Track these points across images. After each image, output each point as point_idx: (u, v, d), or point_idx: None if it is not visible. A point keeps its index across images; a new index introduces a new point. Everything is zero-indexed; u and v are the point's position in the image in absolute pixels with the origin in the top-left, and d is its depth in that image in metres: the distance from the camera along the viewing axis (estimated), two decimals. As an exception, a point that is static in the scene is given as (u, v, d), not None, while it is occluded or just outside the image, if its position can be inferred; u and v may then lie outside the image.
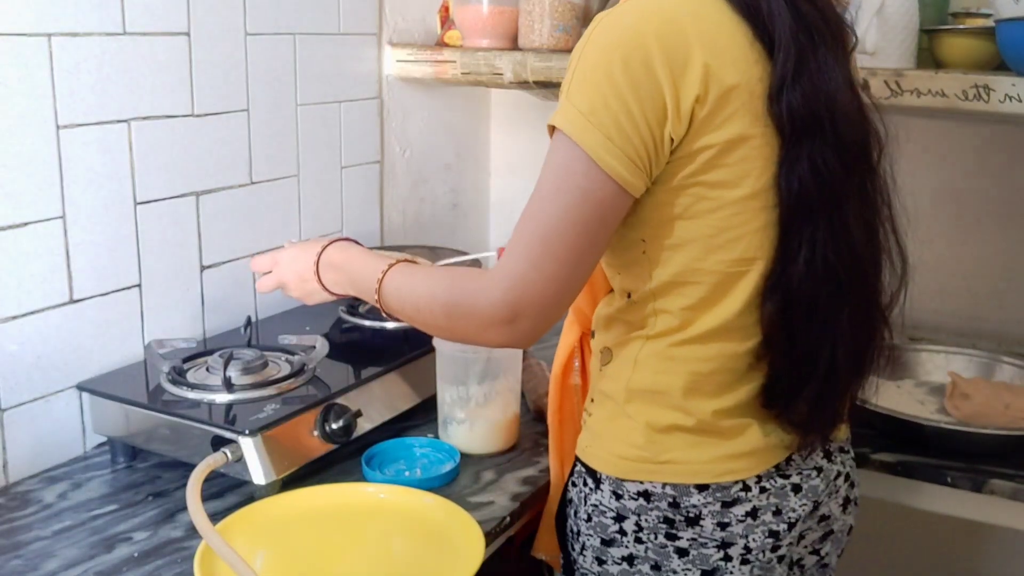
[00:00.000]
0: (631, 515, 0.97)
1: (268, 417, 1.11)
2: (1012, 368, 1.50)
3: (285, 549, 1.00)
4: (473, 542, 0.98)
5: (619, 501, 0.98)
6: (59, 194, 1.19)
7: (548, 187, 0.87)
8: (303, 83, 1.55)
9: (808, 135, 0.88)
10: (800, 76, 0.87)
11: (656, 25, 0.85)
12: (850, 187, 0.91)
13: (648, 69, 0.84)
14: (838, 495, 1.04)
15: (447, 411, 1.25)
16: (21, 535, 1.05)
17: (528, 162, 2.06)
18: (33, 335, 1.18)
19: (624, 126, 0.84)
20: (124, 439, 1.21)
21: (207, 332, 1.41)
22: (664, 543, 0.96)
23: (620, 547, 0.98)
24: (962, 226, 1.70)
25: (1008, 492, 1.23)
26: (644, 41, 0.84)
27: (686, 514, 0.95)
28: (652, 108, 0.85)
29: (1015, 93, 1.28)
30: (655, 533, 0.96)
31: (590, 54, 0.87)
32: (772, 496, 0.96)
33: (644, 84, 0.84)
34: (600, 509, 0.99)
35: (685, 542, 0.96)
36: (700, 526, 0.95)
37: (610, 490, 0.98)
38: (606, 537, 0.99)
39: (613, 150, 0.85)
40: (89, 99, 1.21)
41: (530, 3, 1.60)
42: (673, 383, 0.95)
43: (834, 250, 0.89)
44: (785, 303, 0.91)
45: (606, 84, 0.85)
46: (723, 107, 0.86)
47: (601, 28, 0.87)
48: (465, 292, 0.92)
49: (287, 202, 1.55)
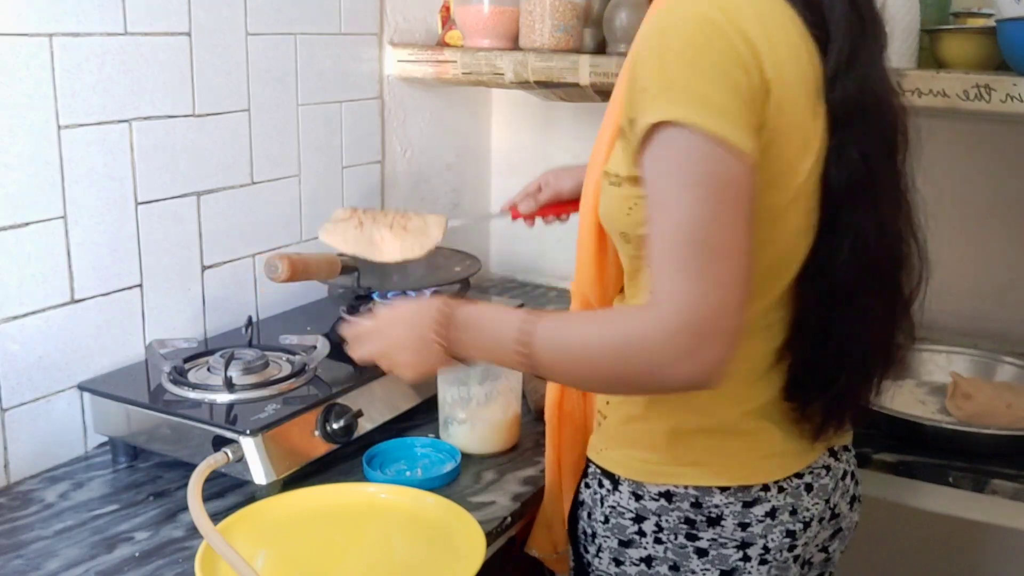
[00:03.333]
0: (651, 516, 0.97)
1: (269, 417, 1.11)
2: (1014, 368, 1.50)
3: (286, 549, 1.00)
4: (474, 542, 0.98)
5: (639, 502, 0.97)
6: (60, 194, 1.19)
7: (675, 188, 0.80)
8: (304, 83, 1.55)
9: (858, 123, 0.88)
10: (853, 65, 0.88)
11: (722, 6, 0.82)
12: (888, 175, 0.92)
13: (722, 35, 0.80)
14: (847, 493, 1.05)
15: (448, 411, 1.25)
16: (22, 535, 1.05)
17: (529, 162, 2.06)
18: (34, 335, 1.18)
19: (735, 98, 0.80)
20: (125, 439, 1.21)
21: (208, 332, 1.41)
22: (684, 543, 0.96)
23: (638, 548, 0.98)
24: (963, 226, 1.70)
25: (1010, 492, 1.23)
26: (713, 18, 0.81)
27: (707, 514, 0.95)
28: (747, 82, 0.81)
29: (1016, 93, 1.28)
30: (675, 533, 0.96)
31: (671, 42, 0.81)
32: (789, 496, 0.96)
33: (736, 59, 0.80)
34: (618, 511, 0.99)
35: (705, 542, 0.95)
36: (721, 526, 0.95)
37: (629, 491, 0.98)
38: (624, 538, 0.99)
39: (735, 122, 0.79)
40: (90, 99, 1.21)
41: (531, 3, 1.60)
42: None
43: (876, 239, 0.89)
44: (826, 291, 0.90)
45: (705, 64, 0.80)
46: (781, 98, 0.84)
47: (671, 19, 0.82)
48: (634, 328, 0.81)
49: (288, 202, 1.56)
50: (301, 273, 1.31)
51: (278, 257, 1.29)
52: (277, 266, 1.28)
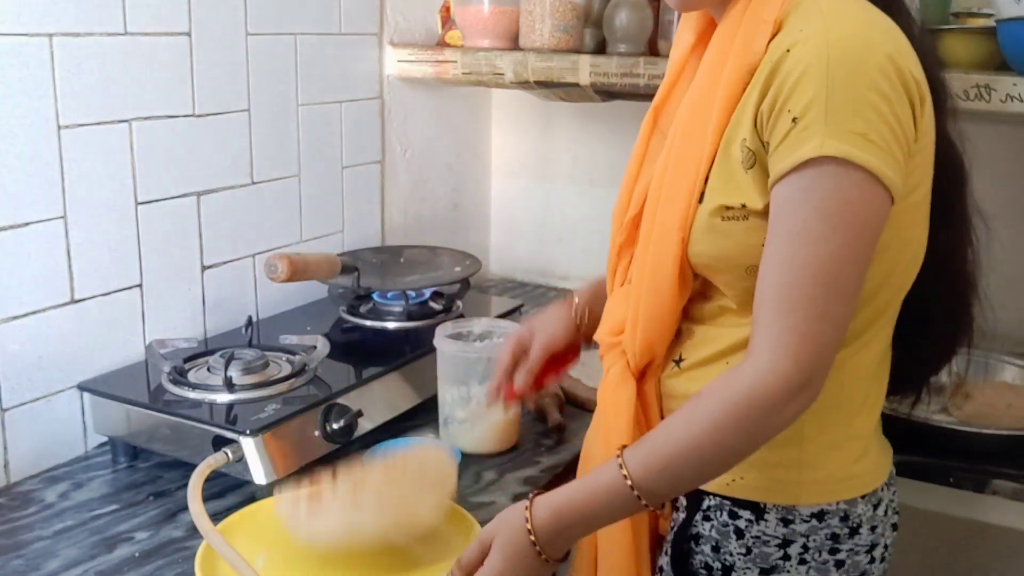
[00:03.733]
0: (799, 539, 0.93)
1: (269, 417, 1.11)
2: (1014, 368, 1.50)
3: (286, 549, 1.00)
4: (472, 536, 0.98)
5: (787, 527, 0.93)
6: (60, 194, 1.19)
7: (820, 224, 0.78)
8: (304, 83, 1.55)
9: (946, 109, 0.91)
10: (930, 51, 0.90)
11: (885, 35, 0.82)
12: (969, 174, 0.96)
13: (896, 84, 0.80)
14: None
15: (448, 411, 1.25)
16: (22, 535, 1.05)
17: (529, 161, 2.06)
18: (34, 335, 1.18)
19: (894, 139, 0.80)
20: (125, 439, 1.21)
21: (208, 332, 1.41)
22: (826, 559, 0.94)
23: (781, 573, 0.94)
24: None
25: (1010, 492, 1.23)
26: (885, 56, 0.80)
27: (851, 525, 0.94)
28: (909, 117, 0.81)
29: (1016, 93, 1.28)
30: (820, 551, 0.93)
31: (838, 72, 0.78)
32: (892, 488, 0.99)
33: (900, 98, 0.80)
34: (763, 540, 0.93)
35: (844, 554, 0.94)
36: (859, 534, 0.94)
37: (777, 518, 0.93)
38: (767, 566, 0.94)
39: (891, 165, 0.79)
40: (90, 99, 1.21)
41: (531, 3, 1.60)
42: (844, 395, 0.91)
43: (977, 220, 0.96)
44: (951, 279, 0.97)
45: (878, 100, 0.78)
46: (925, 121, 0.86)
47: (840, 46, 0.79)
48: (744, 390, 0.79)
49: (288, 202, 1.55)
50: (301, 273, 1.31)
51: (278, 257, 1.29)
52: (277, 266, 1.28)
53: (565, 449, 1.27)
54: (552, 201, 2.05)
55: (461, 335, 1.28)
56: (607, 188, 1.96)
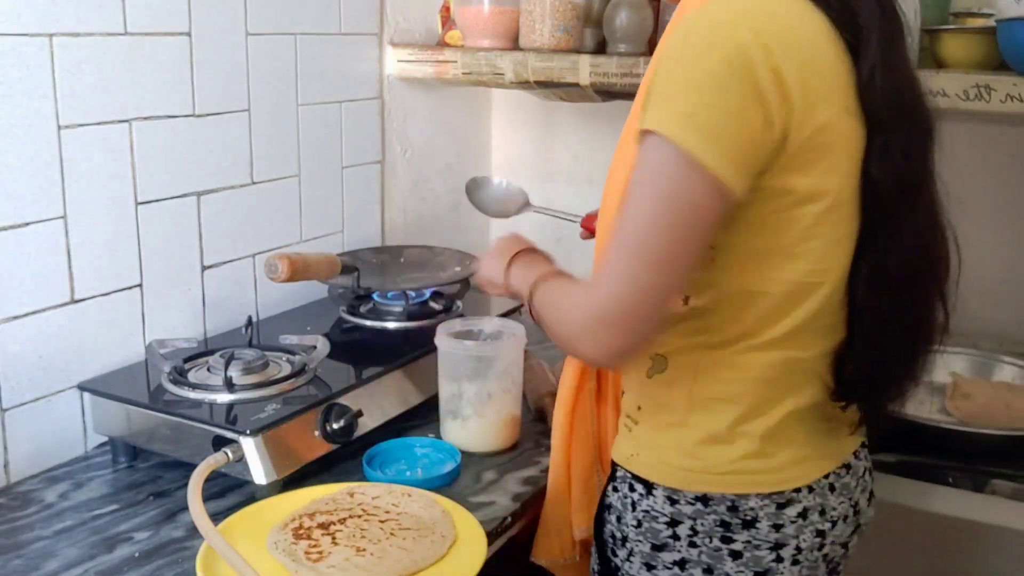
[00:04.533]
0: (686, 520, 0.96)
1: (269, 417, 1.11)
2: (1013, 368, 1.50)
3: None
4: (475, 542, 0.98)
5: (674, 506, 0.96)
6: (60, 194, 1.19)
7: (643, 193, 0.84)
8: (304, 83, 1.55)
9: (897, 123, 0.89)
10: (887, 67, 0.88)
11: (753, 25, 0.83)
12: (928, 176, 0.93)
13: (749, 71, 0.81)
14: (866, 490, 1.05)
15: (448, 410, 1.25)
16: (22, 535, 1.05)
17: (529, 162, 2.06)
18: (34, 335, 1.18)
19: (729, 127, 0.81)
20: (125, 439, 1.21)
21: (208, 332, 1.41)
22: (719, 546, 0.95)
23: (672, 551, 0.97)
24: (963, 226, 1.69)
25: (1009, 492, 1.23)
26: (746, 43, 0.82)
27: (743, 517, 0.94)
28: (754, 110, 0.82)
29: (1016, 93, 1.28)
30: (710, 537, 0.95)
31: (685, 54, 0.83)
32: (817, 496, 0.97)
33: (746, 85, 0.81)
34: (652, 515, 0.98)
35: (740, 544, 0.95)
36: (756, 528, 0.95)
37: (664, 495, 0.97)
38: (657, 542, 0.98)
39: (717, 152, 0.81)
40: (90, 99, 1.21)
41: (531, 3, 1.60)
42: (737, 391, 0.94)
43: (930, 234, 0.92)
44: (884, 289, 0.92)
45: (708, 84, 0.81)
46: (812, 111, 0.85)
47: (695, 27, 0.84)
48: (569, 302, 0.93)
49: (288, 202, 1.55)
50: (301, 273, 1.31)
51: (278, 257, 1.29)
52: (277, 266, 1.28)
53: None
54: (552, 201, 2.05)
55: (471, 334, 1.28)
56: (607, 188, 1.95)
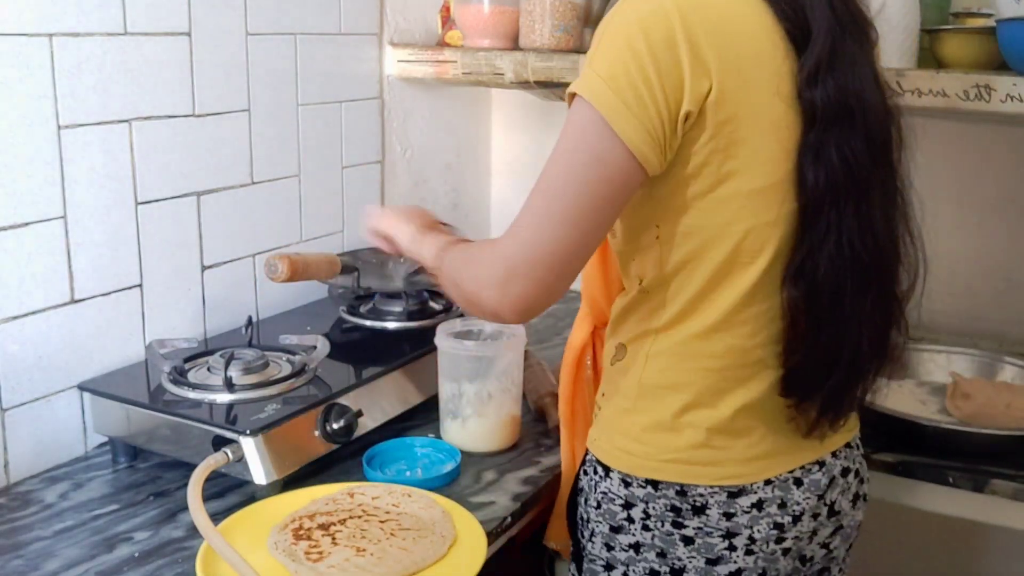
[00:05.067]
0: (639, 503, 0.98)
1: (269, 417, 1.11)
2: (1013, 368, 1.50)
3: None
4: (475, 542, 0.98)
5: (627, 489, 0.98)
6: (60, 194, 1.19)
7: (559, 149, 0.89)
8: (304, 83, 1.55)
9: (837, 124, 0.89)
10: (833, 66, 0.89)
11: (680, 4, 0.87)
12: (875, 178, 0.92)
13: (669, 44, 0.85)
14: (848, 491, 1.04)
15: (448, 410, 1.25)
16: (22, 535, 1.05)
17: (529, 162, 2.06)
18: (34, 335, 1.18)
19: (642, 95, 0.85)
20: (125, 439, 1.21)
21: (208, 332, 1.41)
22: (671, 531, 0.97)
23: (627, 534, 0.99)
24: (963, 226, 1.70)
25: (1009, 492, 1.23)
26: (667, 17, 0.86)
27: (692, 503, 0.96)
28: (670, 83, 0.85)
29: (1016, 93, 1.28)
30: (662, 521, 0.97)
31: (614, 26, 0.88)
32: (776, 489, 0.97)
33: (664, 58, 0.85)
34: (609, 496, 1.00)
35: (691, 531, 0.96)
36: (706, 515, 0.96)
37: (619, 478, 0.99)
38: (614, 524, 1.00)
39: (629, 118, 0.85)
40: (90, 99, 1.21)
41: (531, 3, 1.60)
42: (683, 380, 0.96)
43: (860, 238, 0.90)
44: (810, 291, 0.91)
45: (627, 53, 0.86)
46: (735, 89, 0.87)
47: (627, 3, 0.89)
48: (479, 256, 0.94)
49: (288, 202, 1.55)
50: (301, 273, 1.31)
51: (278, 257, 1.28)
52: (277, 266, 1.28)
53: (565, 449, 1.27)
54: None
55: (471, 334, 1.28)
56: (607, 188, 1.95)
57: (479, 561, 0.95)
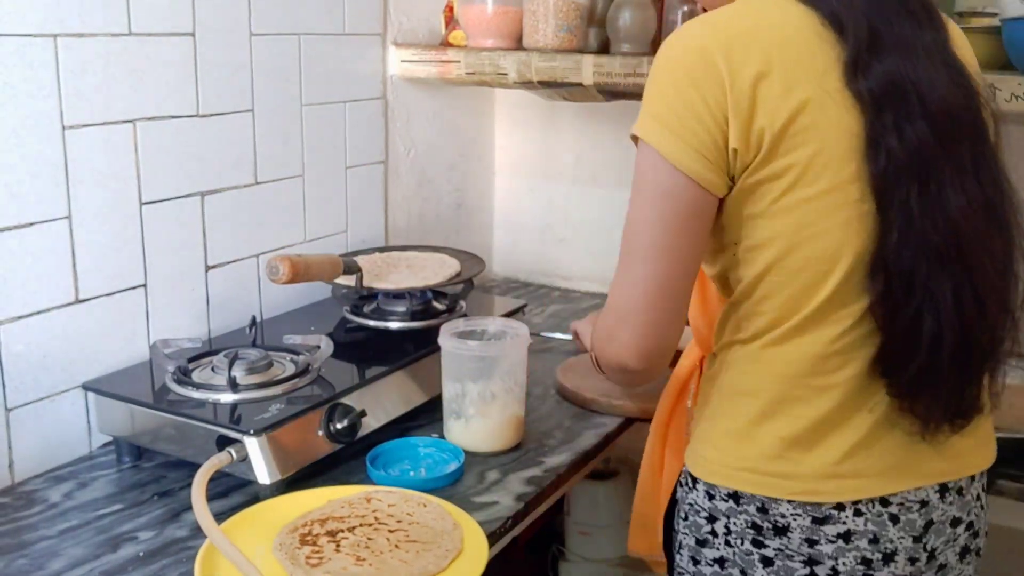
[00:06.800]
0: (722, 516, 0.96)
1: (273, 417, 1.12)
2: (1013, 368, 1.50)
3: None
4: (476, 558, 0.98)
5: (711, 502, 0.96)
6: (65, 194, 1.19)
7: (632, 192, 0.92)
8: (308, 83, 1.55)
9: (891, 105, 0.87)
10: (876, 49, 0.87)
11: (712, 24, 0.89)
12: (943, 156, 0.87)
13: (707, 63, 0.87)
14: (954, 542, 0.97)
15: (452, 410, 1.25)
16: (27, 534, 1.05)
17: (532, 162, 2.06)
18: (39, 335, 1.18)
19: (687, 120, 0.87)
20: (129, 439, 1.21)
21: (212, 332, 1.42)
22: (750, 550, 0.94)
23: (712, 548, 0.97)
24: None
25: (1015, 493, 1.23)
26: (701, 37, 0.89)
27: (774, 522, 0.93)
28: (714, 99, 0.87)
29: (1021, 92, 1.28)
30: (742, 538, 0.94)
31: (657, 62, 0.92)
32: (869, 523, 0.92)
33: (702, 77, 0.87)
34: (695, 508, 0.99)
35: (771, 551, 0.93)
36: (788, 537, 0.92)
37: (704, 490, 0.97)
38: (700, 537, 0.98)
39: (681, 145, 0.88)
40: (94, 100, 1.21)
41: (534, 3, 1.60)
42: (757, 385, 0.94)
43: (931, 221, 0.86)
44: (886, 281, 0.88)
45: (668, 84, 0.89)
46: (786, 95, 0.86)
47: (667, 43, 0.92)
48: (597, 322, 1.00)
49: (292, 202, 1.56)
50: (303, 274, 1.31)
51: (279, 259, 1.28)
52: (278, 268, 1.28)
53: (568, 448, 1.27)
54: (555, 201, 2.05)
55: (474, 334, 1.28)
56: (610, 188, 1.96)
57: (480, 564, 0.95)
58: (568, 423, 1.34)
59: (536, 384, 1.45)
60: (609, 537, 1.84)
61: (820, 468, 0.92)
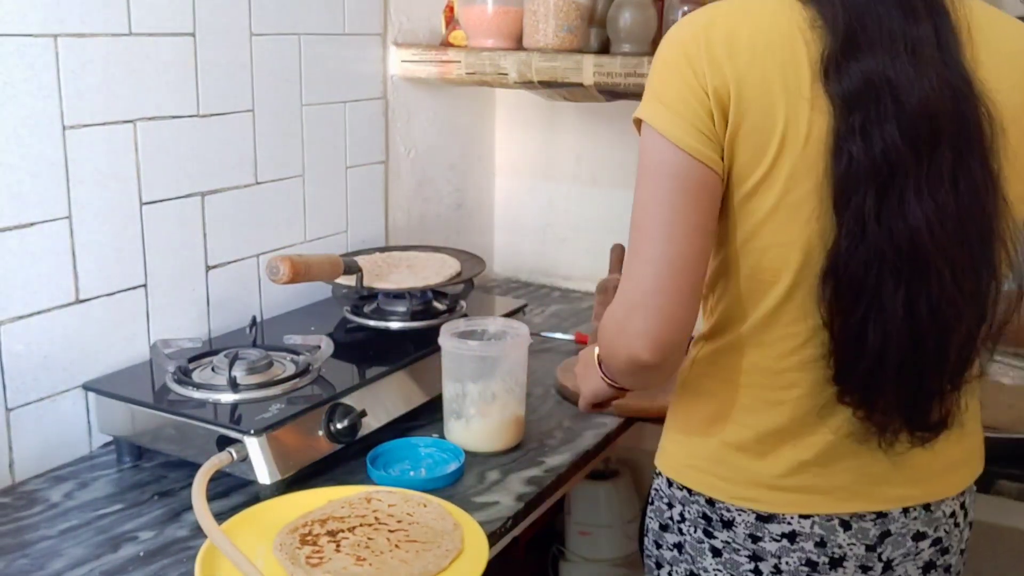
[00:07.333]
0: (678, 504, 0.99)
1: (273, 417, 1.12)
2: (1013, 369, 1.50)
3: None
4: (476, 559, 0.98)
5: (670, 489, 1.00)
6: (65, 194, 1.19)
7: (637, 175, 0.90)
8: (308, 83, 1.55)
9: (861, 107, 0.82)
10: (854, 48, 0.83)
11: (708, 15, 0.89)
12: (913, 162, 0.82)
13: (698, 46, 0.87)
14: (916, 556, 0.95)
15: (452, 409, 1.25)
16: (27, 534, 1.05)
17: (533, 162, 2.06)
18: (39, 335, 1.18)
19: (684, 95, 0.86)
20: (130, 439, 1.21)
21: (212, 332, 1.42)
22: (702, 538, 0.97)
23: (672, 534, 1.00)
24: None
25: (1015, 493, 1.23)
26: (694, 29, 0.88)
27: (720, 515, 0.95)
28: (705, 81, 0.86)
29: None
30: (695, 527, 0.97)
31: (657, 51, 0.92)
32: (817, 526, 0.92)
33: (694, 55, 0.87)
34: (660, 494, 1.02)
35: (719, 543, 0.96)
36: (733, 531, 0.94)
37: (665, 477, 1.01)
38: (662, 522, 1.01)
39: (677, 120, 0.87)
40: (95, 100, 1.21)
41: (535, 3, 1.60)
42: (710, 387, 0.96)
43: (886, 229, 0.82)
44: (836, 287, 0.86)
45: (663, 65, 0.90)
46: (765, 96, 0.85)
47: (670, 30, 0.92)
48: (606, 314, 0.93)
49: (292, 202, 1.56)
50: (303, 275, 1.31)
51: (279, 259, 1.29)
52: (279, 268, 1.28)
53: (569, 448, 1.27)
54: (556, 201, 2.05)
55: (475, 334, 1.28)
56: (611, 188, 1.95)
57: (480, 565, 0.95)
58: (568, 423, 1.34)
59: (536, 384, 1.45)
60: (609, 537, 1.84)
61: (765, 478, 0.92)
